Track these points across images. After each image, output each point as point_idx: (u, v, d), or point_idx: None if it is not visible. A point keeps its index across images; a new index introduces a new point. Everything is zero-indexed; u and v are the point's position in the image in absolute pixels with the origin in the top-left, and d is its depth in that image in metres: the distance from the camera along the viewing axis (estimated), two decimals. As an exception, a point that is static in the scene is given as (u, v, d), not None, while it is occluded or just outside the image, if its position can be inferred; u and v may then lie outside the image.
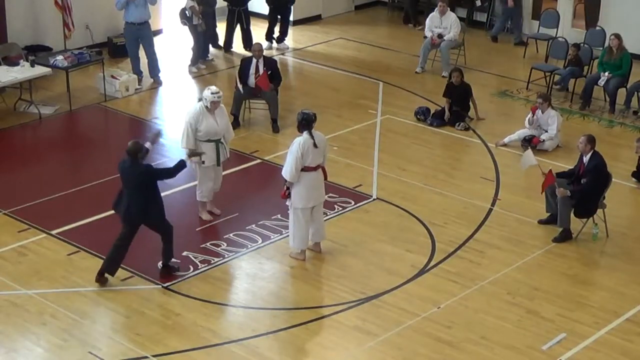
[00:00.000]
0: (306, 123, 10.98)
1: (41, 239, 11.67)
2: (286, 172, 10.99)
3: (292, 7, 19.43)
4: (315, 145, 10.96)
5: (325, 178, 11.35)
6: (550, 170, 11.95)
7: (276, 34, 19.22)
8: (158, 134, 11.79)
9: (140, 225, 10.73)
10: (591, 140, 11.88)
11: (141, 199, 10.52)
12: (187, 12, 17.31)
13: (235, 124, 15.00)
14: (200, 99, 11.95)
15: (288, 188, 11.06)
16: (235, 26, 18.64)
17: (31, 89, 15.55)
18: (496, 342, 9.85)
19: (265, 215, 12.28)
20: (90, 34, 17.92)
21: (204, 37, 17.72)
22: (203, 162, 11.91)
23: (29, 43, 17.07)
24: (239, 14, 18.50)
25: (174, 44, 18.91)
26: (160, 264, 11.01)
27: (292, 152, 10.94)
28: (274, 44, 19.18)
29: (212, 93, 11.75)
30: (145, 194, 10.53)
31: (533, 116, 14.35)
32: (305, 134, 10.98)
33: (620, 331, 10.11)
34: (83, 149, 14.60)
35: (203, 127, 11.78)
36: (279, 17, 19.09)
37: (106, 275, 10.72)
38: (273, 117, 15.09)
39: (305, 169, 11.01)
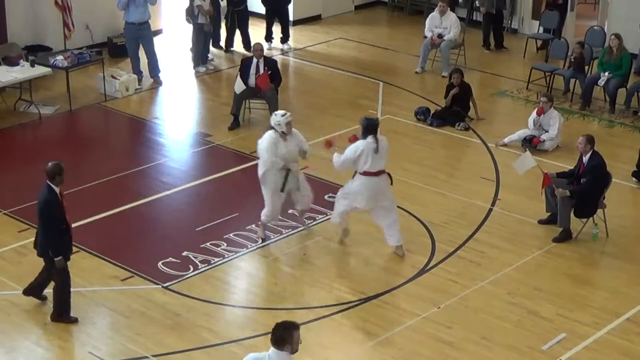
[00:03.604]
0: (372, 128, 11.06)
1: (41, 239, 11.65)
2: (337, 162, 11.22)
3: (288, 7, 19.39)
4: (376, 151, 10.99)
5: (391, 183, 11.35)
6: (546, 173, 11.93)
7: (276, 35, 19.18)
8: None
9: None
10: (590, 140, 11.87)
11: (40, 228, 9.75)
12: (195, 9, 17.23)
13: (235, 124, 15.03)
14: (270, 128, 11.43)
15: (332, 145, 11.57)
16: (235, 26, 18.62)
17: (31, 89, 15.54)
18: (496, 342, 9.84)
19: (265, 215, 12.27)
20: (90, 34, 17.89)
21: (205, 37, 17.66)
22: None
23: (29, 43, 17.06)
24: (235, 14, 18.45)
25: (174, 44, 18.90)
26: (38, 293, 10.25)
27: (350, 150, 11.08)
28: (279, 44, 19.10)
29: (282, 116, 11.37)
30: (43, 225, 9.69)
31: (539, 118, 14.31)
32: (369, 139, 11.01)
33: (620, 331, 10.10)
34: (83, 149, 14.57)
35: (279, 154, 11.35)
36: (276, 18, 19.07)
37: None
38: (273, 117, 15.05)
39: (366, 174, 11.09)
